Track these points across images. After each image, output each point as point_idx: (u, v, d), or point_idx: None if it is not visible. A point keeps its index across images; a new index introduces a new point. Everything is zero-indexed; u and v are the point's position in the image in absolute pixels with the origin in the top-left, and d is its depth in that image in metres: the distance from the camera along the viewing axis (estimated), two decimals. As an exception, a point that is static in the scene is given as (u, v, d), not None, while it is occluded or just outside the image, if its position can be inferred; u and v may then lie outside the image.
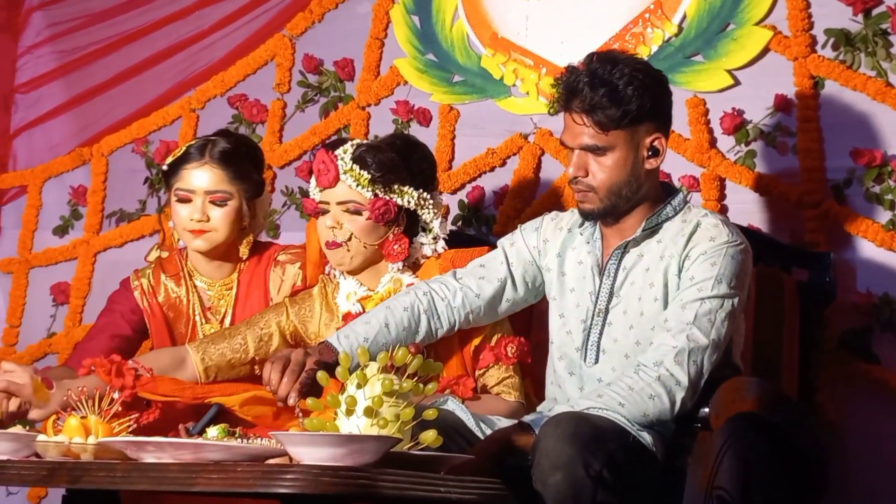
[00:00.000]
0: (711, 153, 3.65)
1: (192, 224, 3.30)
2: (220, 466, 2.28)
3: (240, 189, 3.33)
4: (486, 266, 3.05)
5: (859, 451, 3.42)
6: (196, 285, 3.41)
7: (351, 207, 3.11)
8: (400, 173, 3.11)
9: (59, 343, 4.41)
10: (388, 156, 3.11)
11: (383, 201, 3.09)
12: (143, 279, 3.42)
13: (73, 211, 4.50)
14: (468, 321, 3.03)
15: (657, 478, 2.69)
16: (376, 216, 3.10)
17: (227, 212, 3.31)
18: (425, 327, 2.96)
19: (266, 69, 4.28)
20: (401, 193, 3.12)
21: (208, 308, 3.41)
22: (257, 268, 3.39)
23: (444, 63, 4.03)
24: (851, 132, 3.52)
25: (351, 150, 3.11)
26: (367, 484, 2.22)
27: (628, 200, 2.89)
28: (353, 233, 3.12)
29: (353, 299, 3.19)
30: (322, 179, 3.11)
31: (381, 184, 3.09)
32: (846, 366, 3.44)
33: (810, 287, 3.39)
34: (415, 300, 2.96)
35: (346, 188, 3.10)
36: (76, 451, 2.56)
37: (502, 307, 3.05)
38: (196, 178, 3.30)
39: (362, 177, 3.09)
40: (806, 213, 3.53)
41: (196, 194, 3.31)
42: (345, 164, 3.09)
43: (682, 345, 2.75)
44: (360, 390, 2.40)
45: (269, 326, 3.18)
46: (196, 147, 3.33)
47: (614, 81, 2.80)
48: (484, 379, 3.12)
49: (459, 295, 3.00)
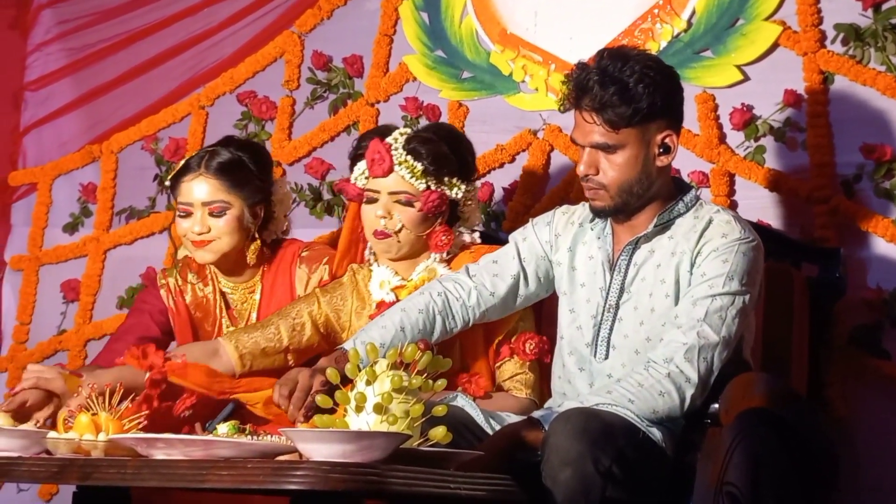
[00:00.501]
0: (721, 149, 3.65)
1: (194, 236, 3.30)
2: (230, 463, 2.28)
3: (239, 197, 3.30)
4: (499, 262, 3.05)
5: (869, 447, 3.42)
6: (221, 288, 3.41)
7: (403, 198, 3.13)
8: (451, 166, 3.15)
9: (70, 340, 4.42)
10: (441, 148, 3.14)
11: (437, 194, 3.12)
12: (170, 278, 3.43)
13: (83, 208, 4.51)
14: (483, 318, 3.03)
15: (667, 474, 2.69)
16: (429, 209, 3.12)
17: (227, 220, 3.29)
18: (440, 328, 2.96)
19: (275, 66, 4.28)
20: (450, 185, 3.15)
21: (231, 310, 3.41)
22: (281, 266, 3.38)
23: (453, 59, 4.03)
24: (861, 127, 3.51)
25: (403, 140, 3.13)
26: (377, 480, 2.22)
27: (639, 198, 2.88)
28: (404, 223, 3.13)
29: (387, 288, 3.20)
30: (376, 169, 3.12)
31: (433, 176, 3.12)
32: (856, 362, 3.43)
33: (820, 283, 3.39)
34: (429, 301, 2.96)
35: (398, 179, 3.12)
36: (87, 447, 2.56)
37: (517, 302, 3.06)
38: (193, 190, 3.29)
39: (416, 168, 3.11)
40: (816, 208, 3.52)
41: (195, 207, 3.29)
42: (399, 156, 3.11)
43: (692, 341, 2.74)
44: (369, 387, 2.40)
45: (301, 316, 3.17)
46: (194, 159, 3.32)
47: (625, 79, 2.79)
48: (499, 372, 3.13)
49: (474, 294, 3.00)
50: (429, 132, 3.20)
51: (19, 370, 4.45)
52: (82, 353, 4.40)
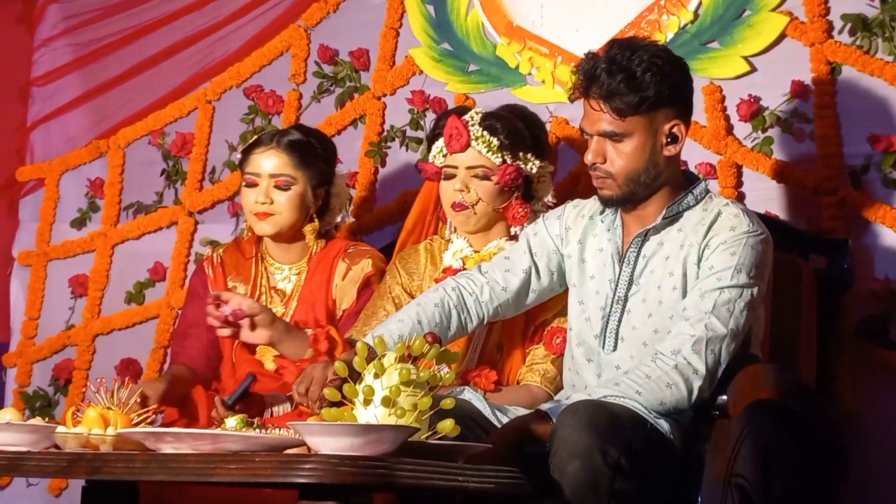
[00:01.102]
0: (728, 140, 3.64)
1: (258, 207, 3.44)
2: (238, 457, 2.28)
3: (304, 175, 3.45)
4: (511, 258, 3.06)
5: (878, 439, 3.41)
6: (266, 268, 3.51)
7: (480, 172, 3.23)
8: (525, 142, 3.26)
9: (78, 335, 4.43)
10: (516, 124, 3.26)
11: (514, 167, 3.22)
12: (215, 254, 3.56)
13: (91, 203, 4.51)
14: (496, 314, 3.03)
15: (675, 466, 2.69)
16: (505, 181, 3.22)
17: (290, 196, 3.44)
18: (456, 322, 2.97)
19: (281, 60, 4.28)
20: (525, 161, 3.25)
21: (274, 287, 3.50)
22: (326, 256, 3.49)
23: (459, 52, 4.02)
24: (869, 118, 3.50)
25: (479, 117, 3.25)
26: (385, 473, 2.22)
27: (647, 187, 2.89)
28: (481, 197, 3.23)
29: (458, 256, 3.30)
30: (454, 144, 3.24)
31: (509, 150, 3.23)
32: (864, 353, 3.42)
33: (828, 274, 3.38)
34: (444, 296, 2.97)
35: (475, 153, 3.23)
36: (95, 442, 2.57)
37: (529, 298, 3.06)
38: (262, 162, 3.45)
39: (492, 143, 3.22)
40: (823, 199, 3.52)
41: (262, 178, 3.44)
42: (476, 131, 3.23)
43: (700, 334, 2.74)
44: (377, 380, 2.41)
45: (394, 289, 3.31)
46: (267, 134, 3.51)
47: (632, 68, 2.80)
48: (528, 356, 3.17)
49: (486, 290, 3.01)
50: (504, 110, 3.33)
51: (28, 365, 4.47)
52: (90, 349, 4.41)
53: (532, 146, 3.27)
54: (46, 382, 4.46)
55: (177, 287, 4.30)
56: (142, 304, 4.38)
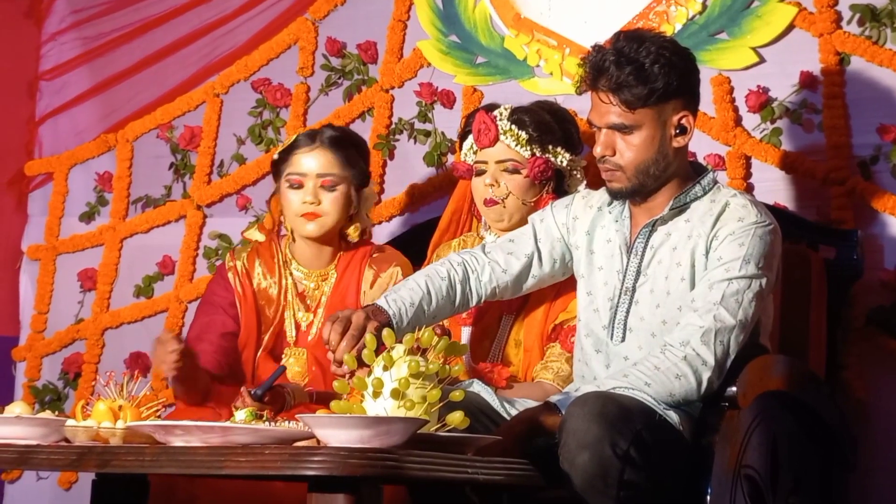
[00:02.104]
0: (737, 131, 3.64)
1: (305, 208, 3.37)
2: (248, 449, 2.29)
3: (349, 175, 3.40)
4: (515, 241, 3.06)
5: (888, 429, 3.41)
6: (292, 273, 3.45)
7: (510, 166, 3.24)
8: (554, 135, 3.26)
9: (87, 329, 4.43)
10: (544, 117, 3.27)
11: (543, 160, 3.22)
12: (237, 261, 3.47)
13: (99, 197, 4.51)
14: (494, 294, 3.03)
15: (684, 457, 2.69)
16: (535, 174, 3.22)
17: (337, 197, 3.38)
18: (460, 297, 2.97)
19: (289, 53, 4.27)
20: (555, 154, 3.26)
21: (301, 294, 3.44)
22: (353, 260, 3.43)
23: (467, 44, 4.02)
24: (878, 108, 3.50)
25: (507, 112, 3.26)
26: (395, 465, 2.22)
27: (656, 179, 2.88)
28: (511, 191, 3.24)
29: None
30: (482, 139, 3.25)
31: (537, 144, 3.24)
32: (874, 343, 3.42)
33: (837, 264, 3.38)
34: (451, 269, 2.97)
35: (504, 147, 3.24)
36: (105, 435, 2.57)
37: (528, 283, 3.06)
38: (307, 162, 3.38)
39: (521, 137, 3.23)
40: (832, 190, 3.51)
41: (308, 178, 3.38)
42: (504, 125, 3.24)
43: (708, 325, 2.74)
44: (386, 372, 2.41)
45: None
46: (305, 135, 3.43)
47: (641, 59, 2.80)
48: (546, 352, 3.16)
49: (487, 270, 3.01)
50: (534, 105, 3.35)
51: (37, 359, 4.47)
52: (100, 342, 4.41)
53: (562, 139, 3.27)
54: (56, 376, 4.47)
55: (185, 280, 4.30)
56: (150, 298, 4.38)
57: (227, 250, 4.22)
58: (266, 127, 4.26)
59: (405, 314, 2.82)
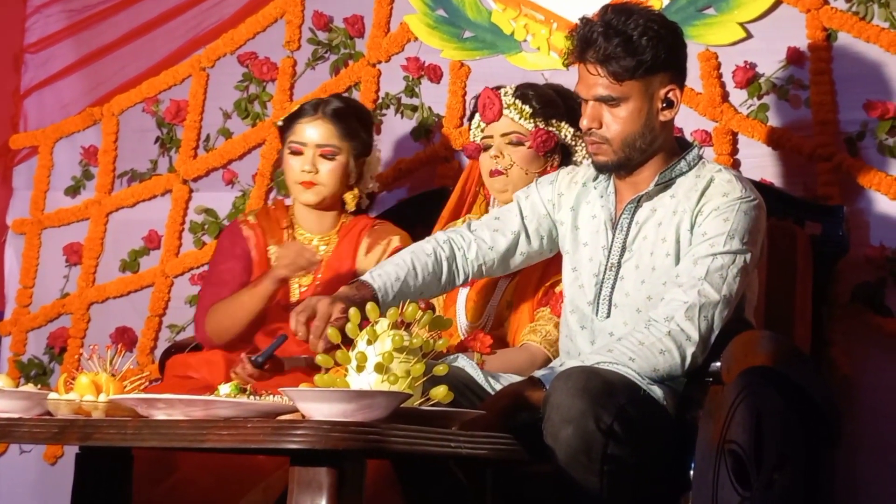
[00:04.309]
0: (724, 107, 3.63)
1: (303, 176, 3.48)
2: (230, 423, 2.28)
3: (348, 146, 3.50)
4: (501, 219, 3.05)
5: (872, 405, 3.42)
6: (296, 237, 3.55)
7: (513, 138, 3.27)
8: (558, 109, 3.29)
9: (73, 303, 4.42)
10: (548, 93, 3.33)
11: (545, 131, 3.26)
12: (249, 216, 3.61)
13: (85, 171, 4.49)
14: (481, 272, 3.03)
15: (668, 432, 2.69)
16: (537, 145, 3.25)
17: (334, 167, 3.49)
18: (446, 274, 2.97)
19: (276, 27, 4.25)
20: (558, 128, 3.29)
21: None
22: (354, 229, 3.53)
23: (454, 19, 4.00)
24: (864, 84, 3.49)
25: (511, 89, 3.31)
26: (378, 439, 2.22)
27: (642, 153, 2.88)
28: (515, 161, 3.27)
29: None
30: (487, 114, 3.30)
31: (541, 117, 3.27)
32: (859, 319, 3.43)
33: (823, 241, 3.39)
34: (437, 247, 2.97)
35: (508, 121, 3.28)
36: (87, 408, 2.56)
37: (516, 260, 3.05)
38: (308, 131, 3.50)
39: (524, 110, 3.27)
40: (819, 166, 3.51)
41: (308, 147, 3.49)
42: (508, 100, 3.29)
43: (693, 300, 2.74)
44: (370, 346, 2.40)
45: None
46: (310, 104, 3.55)
47: (629, 32, 2.80)
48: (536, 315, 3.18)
49: (473, 247, 3.00)
50: (538, 83, 3.39)
51: (23, 334, 4.46)
52: (85, 317, 4.40)
53: (565, 114, 3.29)
54: (41, 351, 4.45)
55: (171, 255, 4.29)
56: (136, 273, 4.37)
57: (213, 225, 4.21)
58: (252, 101, 4.24)
59: (390, 289, 2.82)
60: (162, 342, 4.23)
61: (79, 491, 2.94)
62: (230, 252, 3.57)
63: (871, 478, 3.42)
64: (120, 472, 2.91)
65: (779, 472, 2.94)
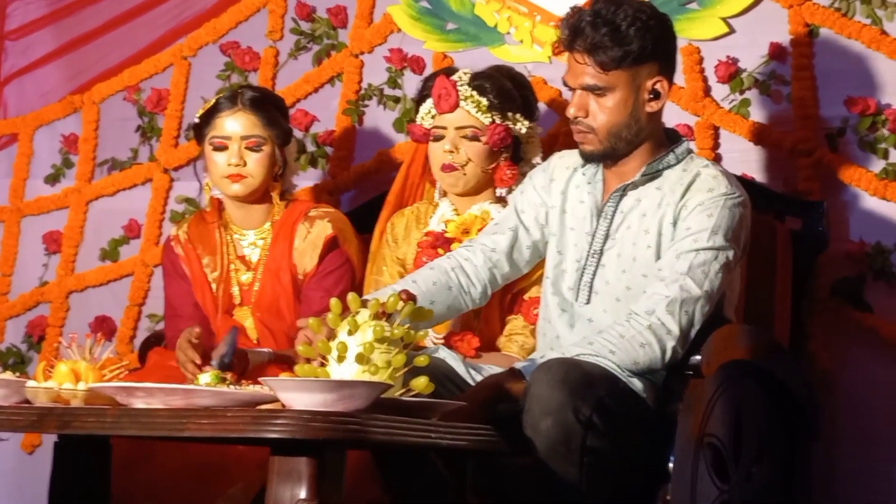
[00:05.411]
0: (706, 102, 3.64)
1: (230, 169, 3.43)
2: (210, 412, 2.28)
3: (272, 135, 3.46)
4: (499, 222, 3.08)
5: (851, 399, 3.44)
6: (231, 236, 3.51)
7: (469, 133, 3.23)
8: (514, 102, 3.26)
9: (52, 292, 4.40)
10: (505, 84, 3.26)
11: (503, 127, 3.21)
12: (180, 231, 3.56)
13: (65, 159, 4.47)
14: (495, 277, 3.02)
15: (648, 424, 2.70)
16: (494, 142, 3.21)
17: (261, 157, 3.44)
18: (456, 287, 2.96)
19: (258, 16, 4.24)
20: (514, 121, 3.25)
21: (241, 257, 3.50)
22: (288, 220, 3.48)
23: (437, 10, 4.00)
24: (846, 80, 3.50)
25: (467, 77, 3.25)
26: (358, 429, 2.22)
27: (628, 143, 2.89)
28: (471, 157, 3.23)
29: (442, 221, 3.30)
30: (443, 105, 3.24)
31: (497, 110, 3.22)
32: (838, 314, 3.44)
33: (803, 235, 3.40)
34: (455, 264, 2.98)
35: (464, 114, 3.23)
36: (66, 396, 2.55)
37: (524, 254, 3.04)
38: (230, 124, 3.44)
39: (481, 103, 3.22)
40: (800, 161, 3.52)
41: (232, 140, 3.44)
42: (465, 91, 3.22)
43: (674, 294, 2.75)
44: (351, 337, 2.40)
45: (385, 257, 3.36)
46: (225, 97, 3.49)
47: (617, 21, 2.80)
48: (508, 326, 3.18)
49: (479, 254, 3.01)
50: (491, 70, 3.33)
51: (1, 322, 4.44)
52: (64, 305, 4.38)
53: (521, 106, 3.27)
54: (20, 339, 4.43)
55: (151, 244, 4.27)
56: (116, 262, 4.35)
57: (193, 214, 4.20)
58: (217, 96, 4.23)
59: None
60: (141, 332, 4.21)
61: (57, 480, 2.94)
62: (172, 273, 3.54)
63: (849, 471, 3.44)
64: (98, 463, 2.90)
65: (757, 465, 2.95)
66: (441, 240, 3.26)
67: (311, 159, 4.12)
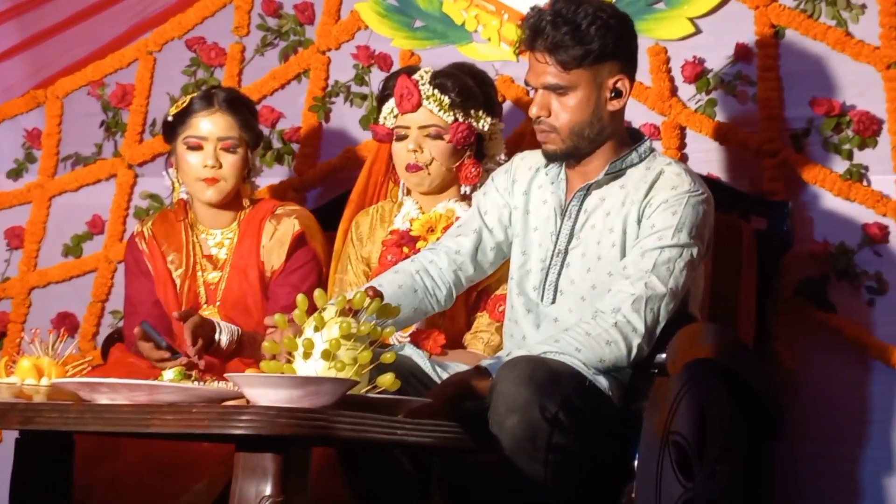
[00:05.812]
0: (672, 101, 3.65)
1: (205, 171, 3.39)
2: (175, 408, 2.26)
3: (246, 137, 3.44)
4: (462, 224, 3.08)
5: (814, 398, 3.46)
6: (198, 235, 3.49)
7: (432, 132, 3.22)
8: (477, 99, 3.26)
9: (14, 288, 4.37)
10: (466, 82, 3.26)
11: (466, 125, 3.21)
12: (144, 227, 3.53)
13: (28, 154, 4.43)
14: (460, 280, 3.02)
15: (613, 422, 2.71)
16: (458, 140, 3.21)
17: (236, 160, 3.42)
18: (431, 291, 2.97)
19: (224, 11, 4.22)
20: (477, 118, 3.25)
21: (208, 256, 3.48)
22: (255, 218, 3.46)
23: (405, 8, 3.99)
24: (811, 81, 3.53)
25: (429, 76, 3.24)
26: (324, 426, 2.21)
27: (591, 142, 2.89)
28: (435, 157, 3.23)
29: (407, 219, 3.29)
30: (405, 104, 3.23)
31: (460, 108, 3.22)
32: (802, 314, 3.46)
33: (768, 235, 3.41)
34: (420, 267, 2.98)
35: (427, 113, 3.22)
36: (29, 392, 2.54)
37: (487, 256, 3.04)
38: (206, 125, 3.41)
39: (444, 102, 3.22)
40: (765, 161, 3.54)
41: (208, 141, 3.41)
42: (427, 90, 3.22)
43: (639, 292, 2.76)
44: (317, 333, 2.39)
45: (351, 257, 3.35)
46: (199, 97, 3.45)
47: (577, 20, 2.81)
48: (474, 322, 3.18)
49: (443, 256, 3.01)
50: (453, 68, 3.32)
51: (-36, 317, 4.40)
52: (26, 301, 4.35)
53: (483, 103, 3.27)
54: (-20, 335, 4.40)
55: (115, 240, 4.25)
56: (79, 258, 4.32)
57: (158, 210, 4.17)
58: (200, 86, 4.19)
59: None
60: (104, 328, 4.19)
61: (18, 476, 2.91)
62: (135, 270, 3.51)
63: (812, 470, 3.46)
64: (61, 459, 2.88)
65: (721, 463, 2.97)
66: (406, 238, 3.26)
67: (278, 156, 4.10)
